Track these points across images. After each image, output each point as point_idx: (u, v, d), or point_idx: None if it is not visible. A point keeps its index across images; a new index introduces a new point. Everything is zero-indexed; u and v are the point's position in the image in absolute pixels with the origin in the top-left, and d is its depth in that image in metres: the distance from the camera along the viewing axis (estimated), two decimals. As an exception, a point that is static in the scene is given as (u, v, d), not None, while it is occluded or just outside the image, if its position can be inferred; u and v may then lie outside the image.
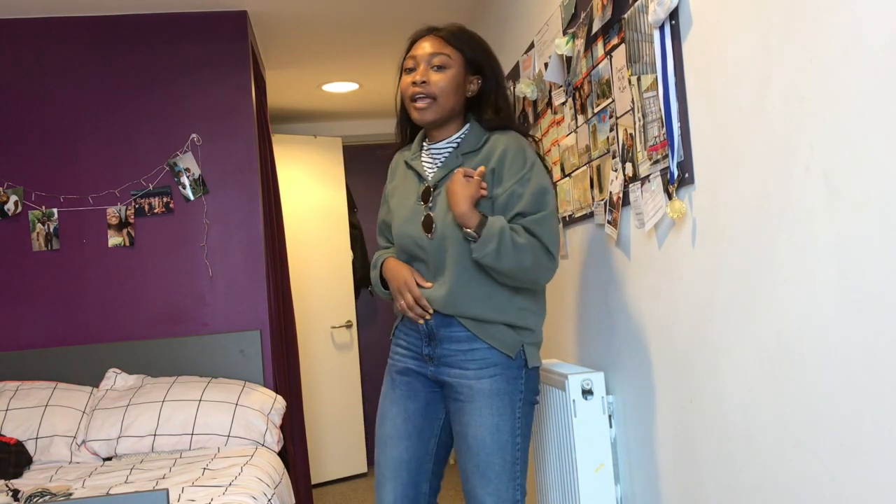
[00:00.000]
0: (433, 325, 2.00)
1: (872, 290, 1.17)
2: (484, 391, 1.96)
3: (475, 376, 1.97)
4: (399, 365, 2.09)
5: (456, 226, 1.93)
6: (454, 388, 2.00)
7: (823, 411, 1.31)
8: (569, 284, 2.66)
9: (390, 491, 2.05)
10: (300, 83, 4.87)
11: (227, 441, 3.03)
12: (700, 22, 1.64)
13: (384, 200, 2.17)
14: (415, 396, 2.07)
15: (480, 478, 1.96)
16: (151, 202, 3.53)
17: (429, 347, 2.02)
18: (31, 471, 2.88)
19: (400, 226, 2.05)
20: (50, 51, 3.53)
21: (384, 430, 2.09)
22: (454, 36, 2.03)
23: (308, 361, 5.09)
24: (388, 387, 2.12)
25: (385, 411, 2.10)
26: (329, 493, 4.91)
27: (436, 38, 2.02)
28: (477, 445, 1.96)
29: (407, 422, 2.07)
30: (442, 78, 1.98)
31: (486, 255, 1.87)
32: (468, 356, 1.98)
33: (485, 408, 1.95)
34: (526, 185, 1.93)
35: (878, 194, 1.15)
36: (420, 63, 2.00)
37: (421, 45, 2.03)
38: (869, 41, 1.14)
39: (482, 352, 1.97)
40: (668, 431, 1.95)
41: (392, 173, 2.17)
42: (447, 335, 1.99)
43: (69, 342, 3.45)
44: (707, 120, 1.64)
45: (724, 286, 1.62)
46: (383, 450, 2.08)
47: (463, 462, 2.00)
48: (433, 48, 2.00)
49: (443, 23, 2.10)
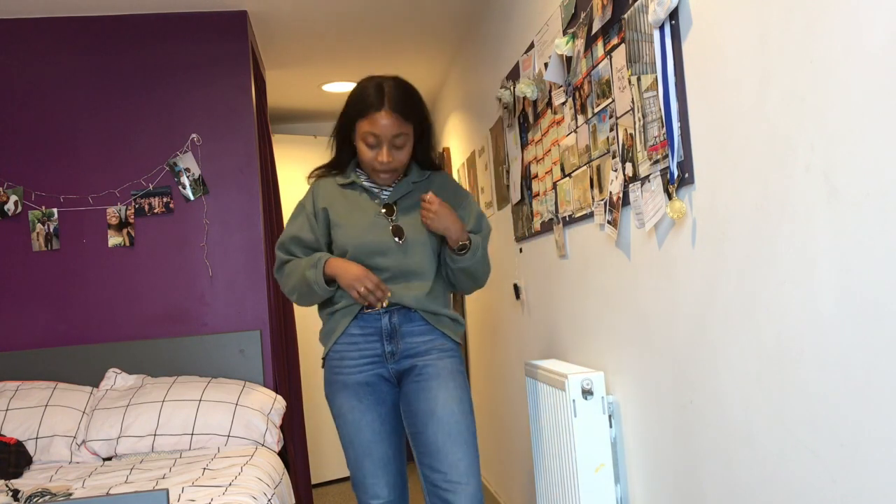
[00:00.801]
0: (395, 323, 2.29)
1: (872, 290, 1.17)
2: (447, 369, 2.29)
3: (437, 358, 2.29)
4: (356, 377, 2.31)
5: (428, 236, 2.30)
6: (417, 371, 2.28)
7: (823, 411, 1.31)
8: (569, 284, 2.66)
9: (384, 485, 2.29)
10: (300, 83, 4.87)
11: (227, 441, 3.03)
12: (700, 22, 1.64)
13: (305, 218, 2.36)
14: (383, 401, 2.32)
15: (453, 444, 2.23)
16: (151, 202, 3.53)
17: (390, 345, 2.30)
18: (31, 471, 2.88)
19: (360, 234, 2.30)
20: (50, 51, 3.53)
21: (364, 436, 2.29)
22: (406, 108, 2.26)
23: (308, 361, 5.08)
24: (353, 399, 2.31)
25: (358, 421, 2.30)
26: (329, 493, 4.91)
27: (393, 116, 2.23)
28: (448, 416, 2.24)
29: (384, 424, 2.31)
30: (403, 153, 2.29)
31: (475, 261, 2.30)
32: (428, 345, 2.30)
33: (450, 382, 2.27)
34: (469, 210, 2.39)
35: (878, 194, 1.15)
36: (383, 142, 2.25)
37: (381, 122, 2.23)
38: (869, 41, 1.14)
39: (439, 340, 2.31)
40: (668, 431, 1.95)
41: (319, 196, 2.37)
42: (408, 330, 2.29)
43: (69, 342, 3.45)
44: (707, 120, 1.64)
45: (724, 286, 1.62)
46: (369, 454, 2.29)
47: (431, 434, 2.24)
48: (394, 128, 2.24)
49: (386, 77, 2.30)
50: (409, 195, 2.35)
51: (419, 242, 2.29)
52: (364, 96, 2.26)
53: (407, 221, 2.31)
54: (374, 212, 2.32)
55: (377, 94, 2.24)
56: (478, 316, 4.50)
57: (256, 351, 3.51)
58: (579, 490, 2.20)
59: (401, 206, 2.33)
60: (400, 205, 2.34)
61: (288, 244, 2.38)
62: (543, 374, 2.48)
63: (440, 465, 2.22)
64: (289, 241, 2.38)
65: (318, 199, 2.37)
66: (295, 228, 2.38)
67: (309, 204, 2.38)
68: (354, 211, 2.33)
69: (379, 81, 2.27)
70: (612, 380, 2.28)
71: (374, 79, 2.30)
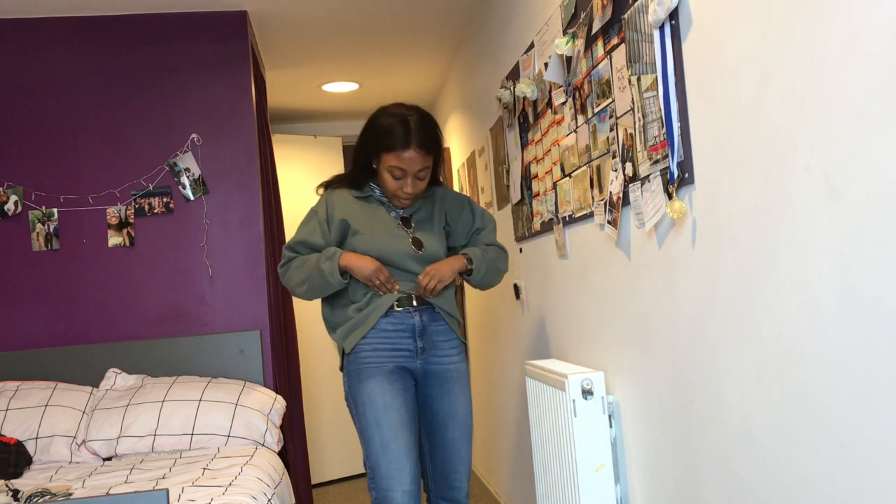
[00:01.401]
0: (425, 321, 2.50)
1: (872, 290, 1.17)
2: (463, 371, 2.58)
3: (458, 360, 2.57)
4: (389, 365, 2.46)
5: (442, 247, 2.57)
6: (445, 375, 2.53)
7: (823, 411, 1.31)
8: (569, 284, 2.66)
9: (408, 474, 2.38)
10: (300, 83, 4.87)
11: (227, 441, 3.04)
12: (700, 22, 1.64)
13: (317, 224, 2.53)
14: (407, 390, 2.48)
15: (464, 441, 2.54)
16: (151, 202, 3.54)
17: (421, 341, 2.49)
18: (31, 471, 2.88)
19: (384, 243, 2.49)
20: (50, 51, 3.53)
21: (392, 419, 2.40)
22: (430, 144, 2.45)
23: (308, 361, 5.09)
24: (385, 382, 2.43)
25: (389, 403, 2.41)
26: (329, 493, 4.92)
27: (419, 153, 2.43)
28: (464, 415, 2.54)
29: (409, 411, 2.45)
30: (424, 183, 2.52)
31: (482, 279, 2.58)
32: (448, 344, 2.55)
33: (465, 385, 2.57)
34: (473, 211, 2.66)
35: (878, 194, 1.15)
36: (408, 175, 2.45)
37: (410, 158, 2.42)
38: (869, 41, 1.14)
39: (455, 340, 2.58)
40: (668, 431, 1.95)
41: (334, 205, 2.54)
42: (434, 328, 2.52)
43: (69, 342, 3.45)
44: (707, 120, 1.64)
45: (724, 286, 1.62)
46: (395, 437, 2.38)
47: (451, 433, 2.52)
48: (420, 164, 2.44)
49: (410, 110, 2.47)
50: (420, 209, 2.59)
51: (436, 253, 2.54)
52: (391, 132, 2.42)
53: (423, 234, 2.55)
54: (393, 223, 2.53)
55: (405, 132, 2.41)
56: (478, 316, 4.50)
57: (256, 351, 3.51)
58: (579, 490, 2.20)
59: (416, 221, 2.57)
60: (414, 218, 2.57)
61: (296, 246, 2.54)
62: (543, 374, 2.48)
63: (455, 457, 2.51)
64: (297, 244, 2.54)
65: (333, 208, 2.53)
66: (306, 233, 2.54)
67: (322, 211, 2.55)
68: (374, 221, 2.52)
69: (405, 118, 2.43)
70: (612, 380, 2.28)
71: (398, 113, 2.45)
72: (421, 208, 2.59)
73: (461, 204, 2.67)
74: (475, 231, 2.66)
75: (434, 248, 2.54)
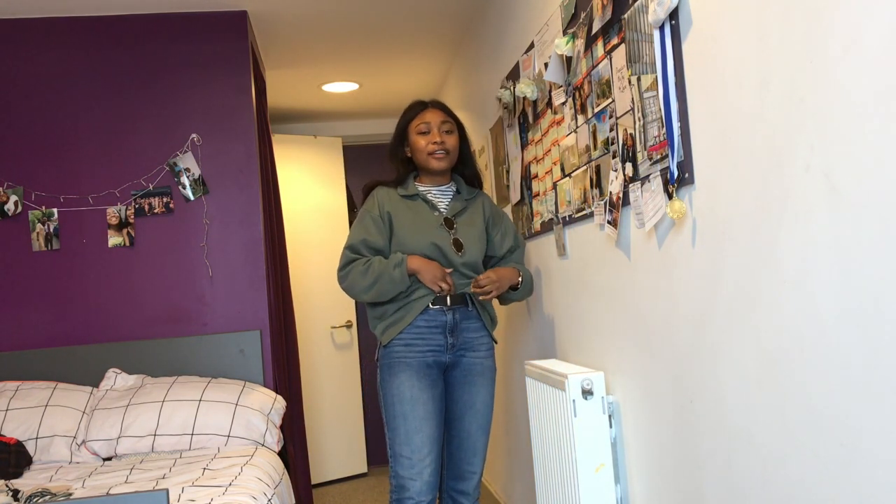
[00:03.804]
0: (457, 319, 2.61)
1: (872, 290, 1.17)
2: (489, 367, 2.69)
3: (485, 356, 2.68)
4: (420, 360, 2.57)
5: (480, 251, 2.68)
6: (470, 368, 2.64)
7: (823, 411, 1.31)
8: (569, 284, 2.66)
9: (430, 463, 2.52)
10: (300, 83, 4.87)
11: (227, 441, 3.03)
12: (700, 22, 1.64)
13: (371, 222, 2.64)
14: (436, 385, 2.59)
15: (482, 433, 2.67)
16: (151, 202, 3.53)
17: (452, 338, 2.60)
18: (31, 471, 2.88)
19: (426, 242, 2.60)
20: (50, 51, 3.53)
21: (419, 413, 2.53)
22: (448, 109, 2.75)
23: (308, 361, 5.09)
24: (413, 377, 2.56)
25: (416, 397, 2.54)
26: (329, 493, 4.91)
27: (439, 109, 2.72)
28: (484, 409, 2.66)
29: (435, 405, 2.57)
30: (452, 138, 2.70)
31: (519, 297, 2.74)
32: (479, 341, 2.66)
33: (490, 380, 2.69)
34: (509, 229, 2.80)
35: (878, 194, 1.15)
36: (433, 128, 2.67)
37: (431, 113, 2.70)
38: (869, 41, 1.14)
39: (486, 337, 2.69)
40: (668, 431, 1.95)
41: (384, 202, 2.67)
42: (466, 326, 2.63)
43: (69, 342, 3.45)
44: (707, 120, 1.64)
45: (724, 286, 1.62)
46: (420, 430, 2.51)
47: (468, 424, 2.65)
48: (441, 117, 2.69)
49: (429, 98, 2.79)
50: (464, 212, 2.71)
51: (474, 256, 2.65)
52: (411, 107, 2.73)
53: (465, 236, 2.65)
54: (436, 223, 2.64)
55: (420, 102, 2.73)
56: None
57: (256, 351, 3.50)
58: (579, 490, 2.20)
59: (458, 222, 2.67)
60: (458, 220, 2.67)
61: (358, 247, 2.64)
62: (543, 374, 2.48)
63: (472, 447, 2.64)
64: (359, 244, 2.63)
65: (382, 205, 2.66)
66: (364, 232, 2.64)
67: (374, 209, 2.66)
68: (418, 220, 2.64)
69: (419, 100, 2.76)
70: (612, 380, 2.28)
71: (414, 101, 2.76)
72: (465, 211, 2.70)
73: (500, 217, 2.80)
74: (510, 249, 2.76)
75: (473, 252, 2.65)
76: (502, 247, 2.75)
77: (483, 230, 2.71)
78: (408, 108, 2.74)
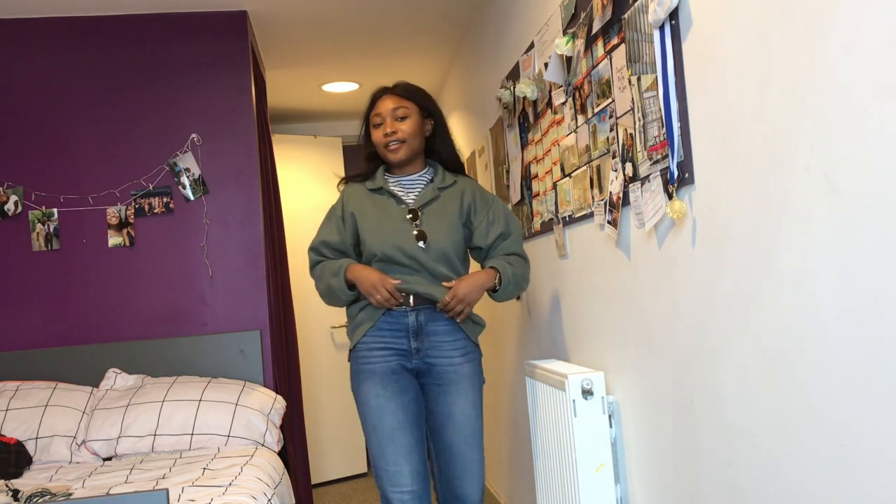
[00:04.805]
0: (421, 321, 2.43)
1: (872, 290, 1.17)
2: (467, 374, 2.47)
3: (460, 362, 2.46)
4: (384, 366, 2.42)
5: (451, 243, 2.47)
6: (442, 375, 2.44)
7: (823, 411, 1.31)
8: (569, 285, 2.66)
9: (408, 474, 2.38)
10: (300, 83, 4.87)
11: (227, 441, 3.03)
12: (700, 22, 1.64)
13: (334, 222, 2.56)
14: (406, 391, 2.42)
15: (468, 446, 2.46)
16: (151, 202, 3.53)
17: (416, 341, 2.43)
18: (31, 471, 2.88)
19: (387, 239, 2.44)
20: (50, 51, 3.53)
21: (387, 423, 2.39)
22: (406, 90, 2.55)
23: (308, 361, 5.09)
24: (378, 387, 2.41)
25: (382, 408, 2.40)
26: (329, 493, 4.91)
27: (393, 95, 2.53)
28: (464, 420, 2.45)
29: (406, 413, 2.41)
30: (406, 125, 2.50)
31: (507, 295, 2.49)
32: (452, 345, 2.46)
33: (469, 388, 2.46)
34: (498, 213, 2.55)
35: (878, 194, 1.15)
36: (386, 118, 2.51)
37: (383, 102, 2.53)
38: (869, 41, 1.14)
39: (462, 341, 2.47)
40: (668, 431, 1.95)
41: (349, 201, 2.56)
42: (434, 329, 2.44)
43: (69, 342, 3.45)
44: (707, 120, 1.64)
45: (724, 286, 1.62)
46: (391, 440, 2.38)
47: (449, 436, 2.45)
48: (394, 103, 2.51)
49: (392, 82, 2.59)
50: (434, 200, 2.50)
51: (442, 247, 2.45)
52: (371, 95, 2.57)
53: (431, 227, 2.45)
54: (400, 217, 2.47)
55: (380, 88, 2.57)
56: (478, 316, 4.49)
57: (256, 351, 3.50)
58: (579, 490, 2.20)
59: (426, 212, 2.48)
60: (425, 210, 2.48)
61: (319, 247, 2.57)
62: (543, 374, 2.48)
63: (460, 462, 2.44)
64: (319, 245, 2.57)
65: (347, 204, 2.55)
66: (325, 233, 2.57)
67: (339, 208, 2.57)
68: (382, 216, 2.49)
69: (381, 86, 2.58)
70: (612, 380, 2.28)
71: None
72: (436, 200, 2.51)
73: (487, 202, 2.57)
74: (500, 236, 2.54)
75: (441, 242, 2.45)
76: (488, 235, 2.52)
77: (457, 220, 2.50)
78: (369, 97, 2.59)
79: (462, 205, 2.52)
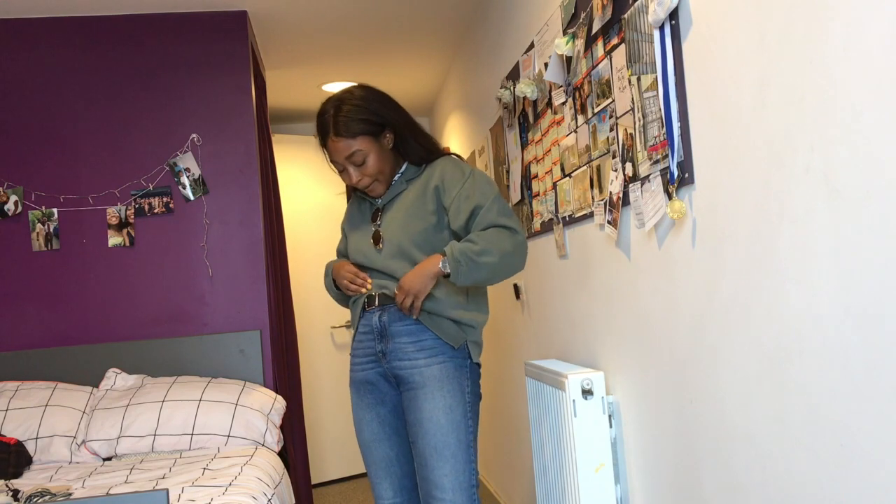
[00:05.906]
0: (385, 322, 2.22)
1: (872, 290, 1.17)
2: (434, 376, 2.18)
3: (425, 364, 2.19)
4: (360, 375, 2.30)
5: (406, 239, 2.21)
6: (406, 379, 2.21)
7: (823, 412, 1.31)
8: (569, 284, 2.66)
9: (388, 487, 2.30)
10: (300, 83, 4.87)
11: (227, 441, 3.03)
12: (700, 22, 1.64)
13: (342, 231, 2.46)
14: (383, 401, 2.29)
15: (438, 458, 2.15)
16: (151, 202, 3.53)
17: (381, 343, 2.24)
18: (31, 471, 2.88)
19: (353, 245, 2.33)
20: (50, 51, 3.53)
21: (364, 435, 2.31)
22: (348, 126, 2.20)
23: (308, 361, 5.09)
24: (356, 397, 2.33)
25: (360, 419, 2.32)
26: (329, 493, 4.92)
27: (339, 141, 2.21)
28: (433, 427, 2.16)
29: (382, 424, 2.29)
30: (368, 165, 2.23)
31: (473, 276, 2.11)
32: (417, 346, 2.20)
33: (437, 391, 2.18)
34: (471, 186, 2.20)
35: (878, 194, 1.15)
36: (345, 166, 2.24)
37: (334, 148, 2.23)
38: (869, 41, 1.14)
39: (430, 341, 2.20)
40: (668, 431, 1.95)
41: (347, 211, 2.46)
42: (398, 329, 2.22)
43: (69, 342, 3.45)
44: (707, 120, 1.64)
45: (724, 286, 1.62)
46: (370, 453, 2.31)
47: (420, 447, 2.18)
48: (344, 151, 2.21)
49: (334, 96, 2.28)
50: (401, 194, 2.28)
51: (396, 245, 2.23)
52: (317, 128, 2.28)
53: (386, 224, 2.26)
54: (368, 220, 2.34)
55: (321, 124, 2.26)
56: (478, 316, 4.49)
57: (256, 351, 3.50)
58: (579, 490, 2.20)
59: (387, 210, 2.29)
60: (387, 208, 2.29)
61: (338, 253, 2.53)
62: (543, 374, 2.48)
63: (429, 476, 2.17)
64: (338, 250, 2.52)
65: (344, 216, 2.48)
66: (339, 243, 2.51)
67: (343, 220, 2.49)
68: (358, 221, 2.38)
69: (324, 108, 2.27)
70: (612, 380, 2.28)
71: (325, 103, 2.28)
72: (402, 193, 2.29)
73: (459, 179, 2.23)
74: (474, 211, 2.17)
75: (395, 237, 2.23)
76: (460, 213, 2.18)
77: (416, 208, 2.23)
78: (316, 126, 2.30)
79: (426, 190, 2.24)
